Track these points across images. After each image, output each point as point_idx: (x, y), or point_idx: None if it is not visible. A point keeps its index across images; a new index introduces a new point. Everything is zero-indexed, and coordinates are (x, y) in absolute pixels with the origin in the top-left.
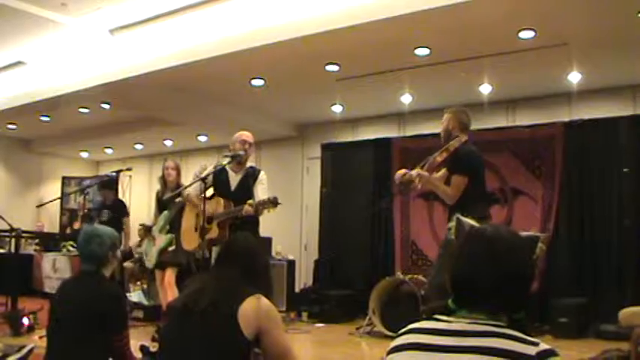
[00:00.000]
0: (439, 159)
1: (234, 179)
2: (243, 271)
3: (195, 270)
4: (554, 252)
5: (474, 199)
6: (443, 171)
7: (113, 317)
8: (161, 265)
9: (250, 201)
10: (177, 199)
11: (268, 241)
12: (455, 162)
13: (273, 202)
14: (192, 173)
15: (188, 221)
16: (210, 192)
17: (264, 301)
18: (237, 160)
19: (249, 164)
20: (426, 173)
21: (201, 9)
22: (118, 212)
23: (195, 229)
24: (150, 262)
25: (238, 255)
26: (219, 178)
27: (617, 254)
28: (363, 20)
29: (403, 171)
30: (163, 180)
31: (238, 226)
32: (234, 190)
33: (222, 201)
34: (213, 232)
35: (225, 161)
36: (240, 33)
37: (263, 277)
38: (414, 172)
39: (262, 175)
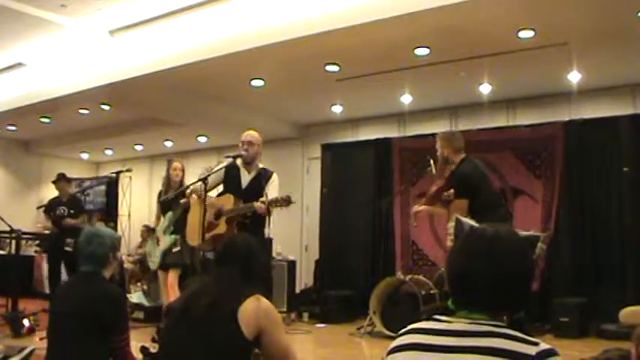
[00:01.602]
0: (434, 188)
1: (246, 178)
2: (243, 272)
3: (199, 271)
4: (555, 251)
5: (486, 208)
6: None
7: (113, 318)
8: (165, 266)
9: (262, 198)
10: (183, 200)
11: (269, 242)
12: (453, 186)
13: (286, 201)
14: (193, 174)
15: (194, 217)
16: (218, 190)
17: (264, 301)
18: (245, 161)
19: (261, 165)
20: (422, 208)
21: (201, 10)
22: (74, 208)
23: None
24: (153, 263)
25: (237, 256)
26: (230, 174)
27: (617, 253)
28: (362, 20)
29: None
30: (168, 180)
31: (245, 225)
32: (245, 188)
33: (232, 198)
34: (221, 228)
35: (227, 162)
36: (240, 33)
37: (262, 277)
38: (413, 210)
39: (274, 177)
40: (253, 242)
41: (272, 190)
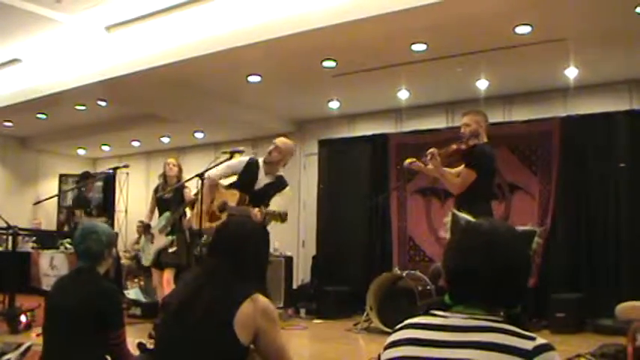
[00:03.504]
0: (454, 146)
1: (262, 180)
2: (237, 265)
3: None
4: (552, 247)
5: (477, 197)
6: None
7: (109, 314)
8: (160, 264)
9: (261, 208)
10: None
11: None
12: (469, 157)
13: (281, 217)
14: (190, 170)
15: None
16: (231, 179)
17: (261, 300)
18: (265, 161)
19: (281, 172)
20: (438, 157)
21: (198, 5)
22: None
23: (207, 213)
24: (147, 260)
25: (230, 246)
26: (250, 170)
27: (613, 249)
28: (359, 16)
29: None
30: (164, 176)
31: None
32: (257, 189)
33: (237, 194)
34: None
35: (223, 157)
36: (237, 29)
37: (257, 268)
38: (431, 150)
39: (287, 190)
40: (247, 230)
41: (278, 201)
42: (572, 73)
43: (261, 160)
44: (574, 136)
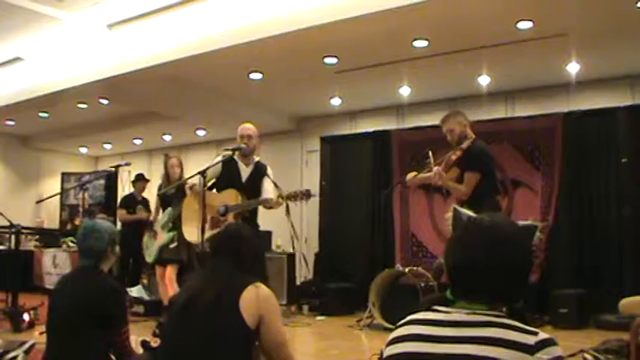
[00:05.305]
0: (454, 157)
1: (245, 171)
2: (237, 261)
3: (196, 265)
4: (554, 243)
5: (486, 194)
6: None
7: (112, 312)
8: (162, 261)
9: (278, 193)
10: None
11: (268, 235)
12: (467, 160)
13: (306, 195)
14: (192, 168)
15: (192, 212)
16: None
17: (263, 288)
18: (243, 153)
19: (256, 158)
20: (444, 174)
21: (199, 3)
22: (146, 207)
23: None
24: (150, 257)
25: (229, 246)
26: (228, 169)
27: (616, 244)
28: (361, 12)
29: (414, 174)
30: (167, 176)
31: (245, 217)
32: (244, 181)
33: (235, 193)
34: None
35: (226, 155)
36: (238, 26)
37: (255, 264)
38: (435, 169)
39: (269, 170)
40: (244, 229)
41: (268, 183)
42: (573, 68)
43: (237, 156)
44: (576, 132)
